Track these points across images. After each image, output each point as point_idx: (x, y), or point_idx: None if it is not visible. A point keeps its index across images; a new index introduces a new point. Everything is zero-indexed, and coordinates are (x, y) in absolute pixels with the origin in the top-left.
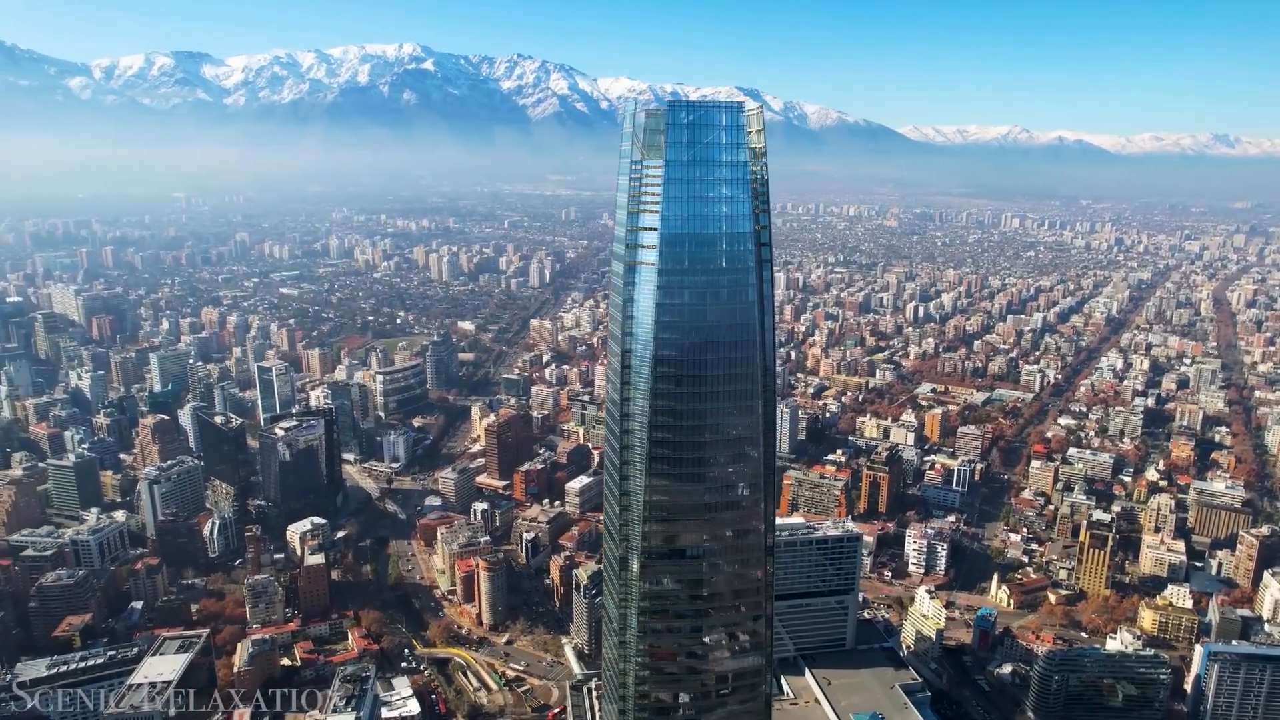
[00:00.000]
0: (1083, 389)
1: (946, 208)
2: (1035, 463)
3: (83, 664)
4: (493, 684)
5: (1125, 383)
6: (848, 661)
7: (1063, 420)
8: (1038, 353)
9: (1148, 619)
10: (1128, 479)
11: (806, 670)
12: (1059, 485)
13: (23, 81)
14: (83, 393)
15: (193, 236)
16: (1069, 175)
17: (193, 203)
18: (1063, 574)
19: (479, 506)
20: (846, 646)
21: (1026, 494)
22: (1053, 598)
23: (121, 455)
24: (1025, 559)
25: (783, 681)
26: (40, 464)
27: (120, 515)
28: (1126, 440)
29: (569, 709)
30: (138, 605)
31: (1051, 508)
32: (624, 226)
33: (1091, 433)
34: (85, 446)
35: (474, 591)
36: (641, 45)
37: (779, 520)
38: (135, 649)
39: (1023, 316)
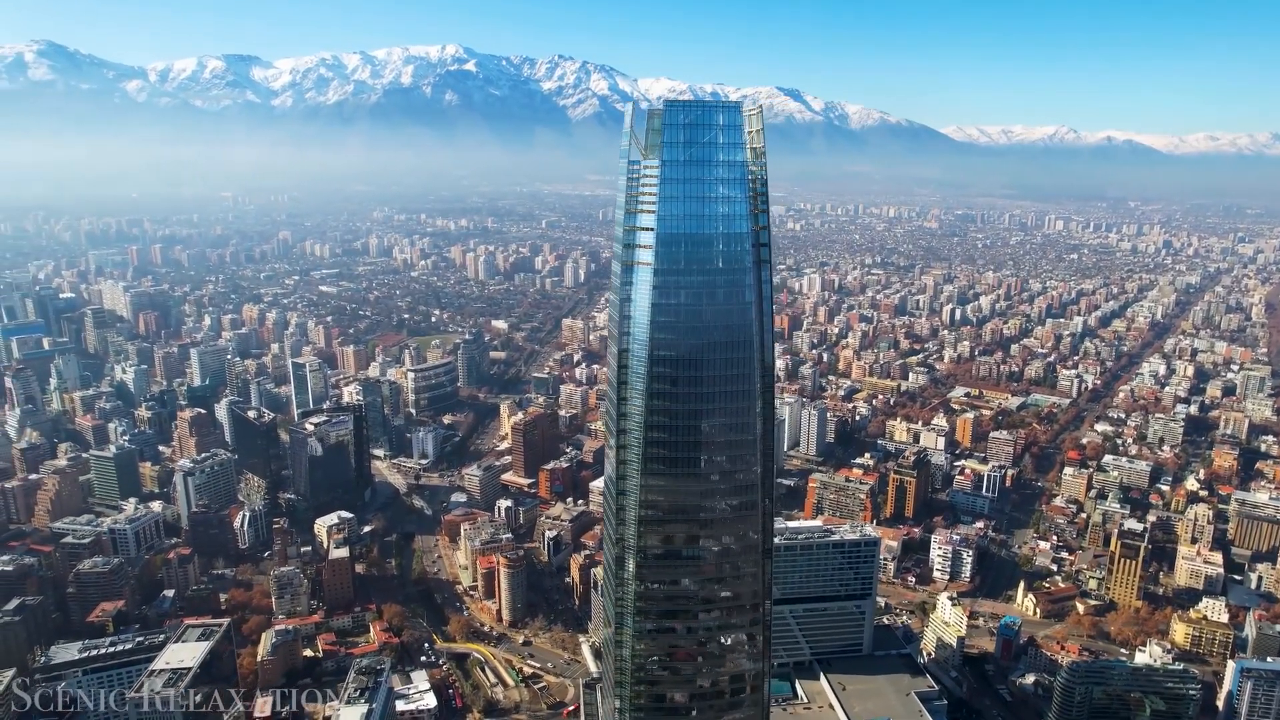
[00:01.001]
0: (1122, 395)
1: (989, 209)
2: (1068, 469)
3: (112, 649)
4: (509, 680)
5: (1167, 389)
6: (864, 667)
7: (1099, 426)
8: (1076, 357)
9: (1180, 632)
10: (1166, 488)
11: (822, 674)
12: (1092, 493)
13: (83, 85)
14: (127, 386)
15: (238, 235)
16: (1117, 176)
17: (239, 202)
18: (1092, 584)
19: (503, 504)
20: (863, 651)
21: (1058, 501)
22: (1081, 608)
23: (161, 447)
24: (1054, 567)
25: (797, 685)
26: (84, 454)
27: (157, 506)
28: (1166, 448)
29: (582, 707)
30: (169, 593)
31: (1084, 516)
32: (622, 226)
33: (1129, 440)
34: (126, 438)
35: (495, 588)
36: (682, 46)
37: (797, 524)
38: (162, 636)
39: (1062, 320)
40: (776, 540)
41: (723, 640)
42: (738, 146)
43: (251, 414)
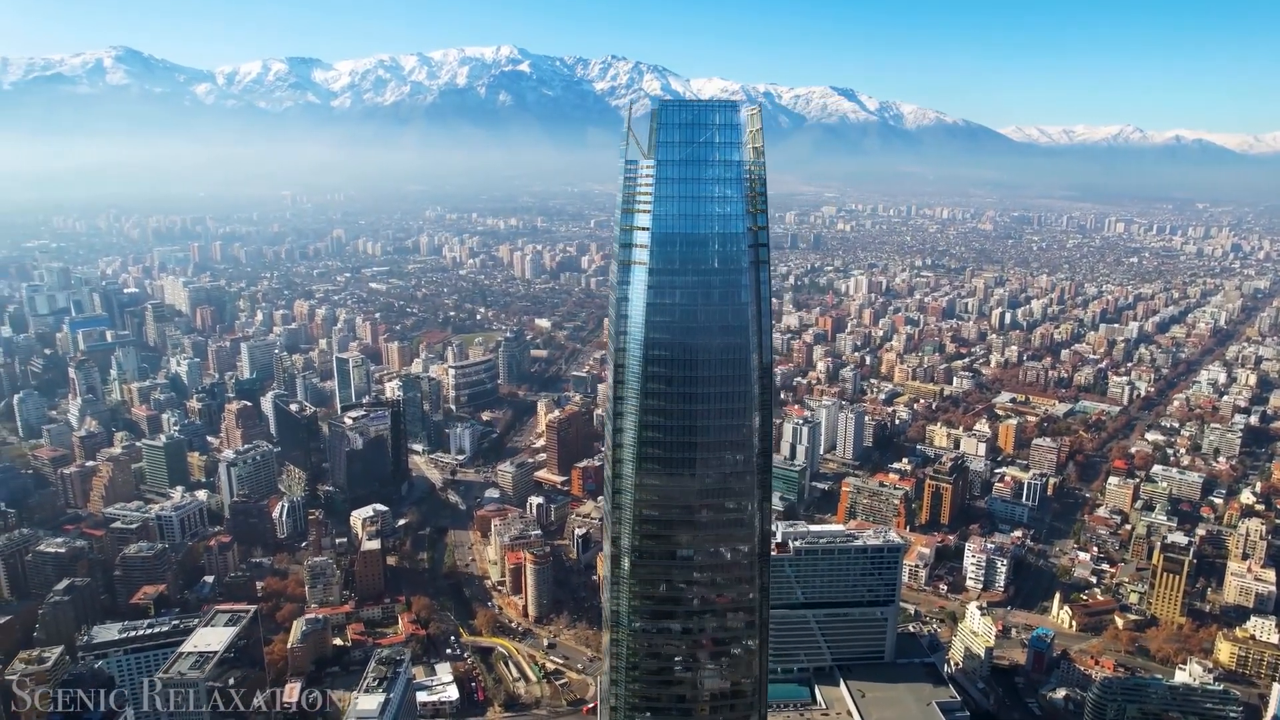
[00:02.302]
0: (1176, 403)
1: (1046, 211)
2: (1114, 479)
3: (149, 631)
4: (532, 675)
5: (1226, 398)
6: (885, 675)
7: (1150, 435)
8: (1130, 364)
9: (1225, 651)
10: (1218, 500)
11: (842, 681)
12: (1139, 504)
13: (156, 89)
14: (181, 378)
15: (294, 232)
16: (1186, 177)
17: (298, 200)
18: (1133, 598)
19: (535, 501)
20: (885, 659)
21: (1101, 511)
22: (1120, 622)
23: (209, 438)
24: (1093, 579)
25: (816, 691)
26: (137, 443)
27: (202, 494)
28: (1221, 459)
29: (599, 704)
30: (209, 579)
31: (1128, 527)
32: (619, 226)
33: (1182, 450)
34: (177, 429)
35: (521, 583)
36: (736, 45)
37: (820, 527)
38: (198, 620)
39: (1117, 326)
40: (797, 543)
41: (719, 643)
42: (734, 146)
43: (294, 407)
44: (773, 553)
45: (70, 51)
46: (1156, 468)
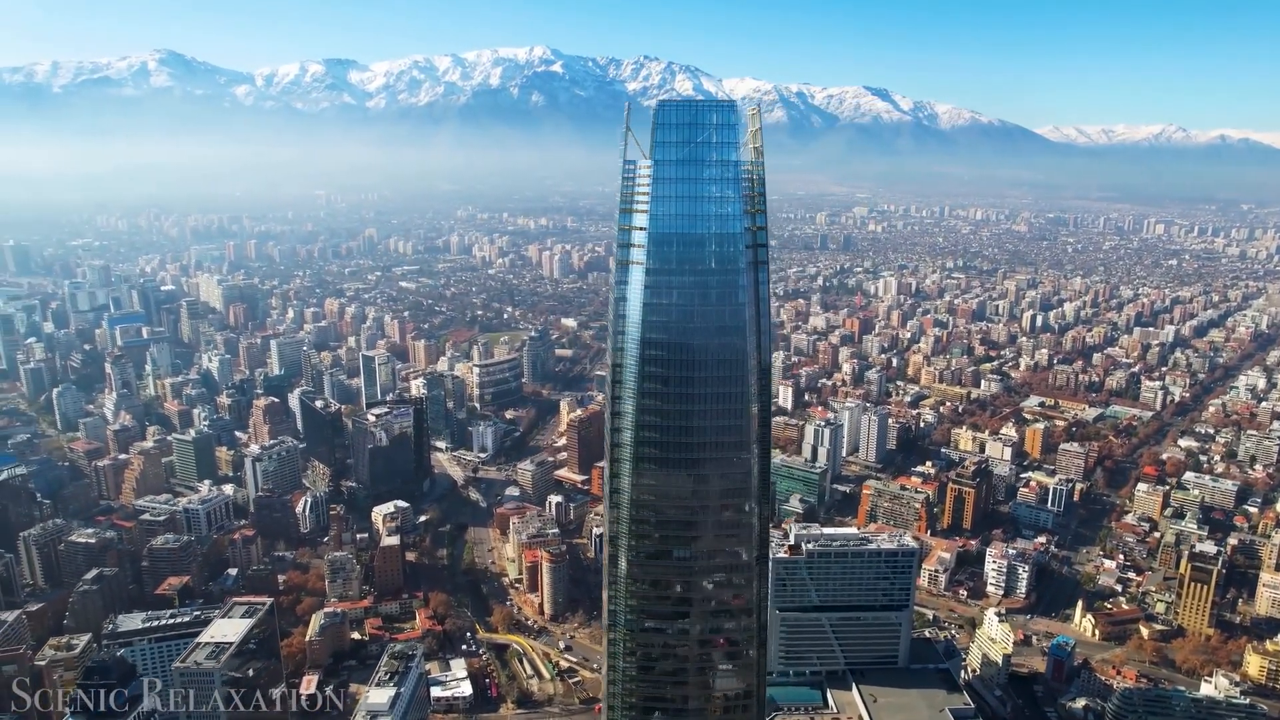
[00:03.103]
0: (1212, 409)
1: (1083, 213)
2: (1143, 485)
3: (171, 620)
4: (546, 673)
5: (1264, 404)
6: (899, 680)
7: (1183, 442)
8: (1164, 368)
9: (1254, 665)
10: (1253, 509)
11: (854, 685)
12: (1168, 511)
13: (197, 91)
14: (212, 374)
15: (327, 231)
16: (1231, 178)
17: (332, 200)
18: (1160, 607)
19: (554, 499)
20: (899, 664)
21: (1129, 519)
22: (1145, 632)
23: (237, 433)
24: (1118, 588)
25: (829, 694)
26: (168, 438)
27: (229, 488)
28: (1258, 467)
29: (602, 704)
30: (233, 572)
31: (1157, 535)
32: (618, 226)
33: (1216, 457)
34: (206, 424)
35: (538, 581)
36: (769, 45)
37: (834, 530)
38: (218, 611)
39: (1152, 329)
40: (810, 546)
41: (716, 646)
42: (731, 146)
43: (319, 404)
44: (785, 555)
45: (117, 55)
46: (1188, 475)
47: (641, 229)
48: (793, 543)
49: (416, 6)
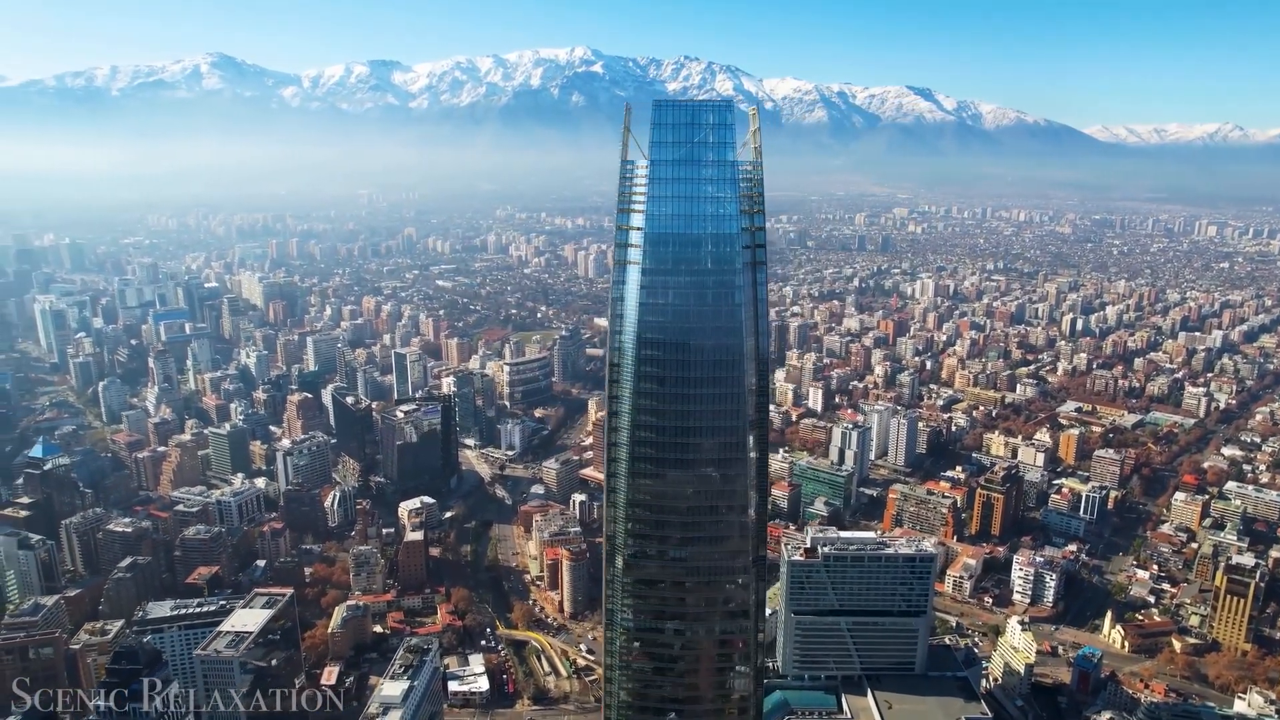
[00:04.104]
0: (1259, 417)
1: (1131, 214)
2: (1180, 494)
3: (198, 609)
4: (563, 670)
5: None
6: (915, 687)
7: (1227, 450)
8: (1210, 374)
9: None
10: None
11: (869, 691)
12: (1207, 521)
13: (247, 93)
14: (249, 370)
15: (367, 230)
16: None
17: (373, 199)
18: (1194, 620)
19: (578, 498)
20: (916, 671)
21: (1166, 528)
22: (1177, 645)
23: (272, 428)
24: (1151, 599)
25: (843, 700)
26: (205, 431)
27: (261, 482)
28: None
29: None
30: (261, 563)
31: (1194, 546)
32: (616, 225)
33: (1261, 466)
34: (242, 418)
35: (558, 579)
36: (810, 45)
37: (850, 534)
38: (241, 601)
39: (1198, 334)
40: (827, 549)
41: (711, 647)
42: (728, 146)
43: (350, 400)
44: (801, 558)
45: (172, 58)
46: (1230, 484)
47: (638, 229)
48: (809, 545)
49: (460, 8)
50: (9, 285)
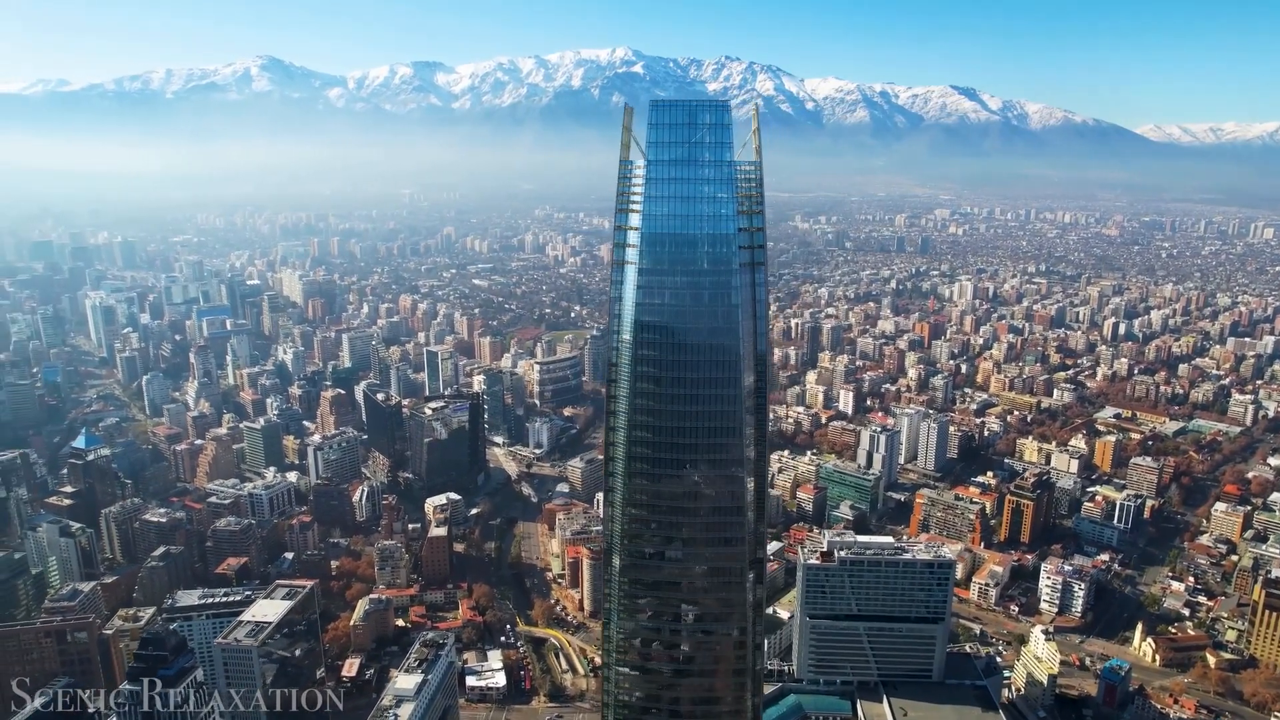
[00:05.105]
0: None
1: (1183, 215)
2: (1221, 505)
3: (224, 599)
4: (580, 668)
5: None
6: (932, 695)
7: (1273, 460)
8: (1259, 381)
9: None
10: None
11: (885, 697)
12: (1249, 533)
13: (294, 94)
14: (286, 366)
15: (407, 229)
16: None
17: (415, 199)
18: (1230, 635)
19: (601, 496)
20: (933, 679)
21: (1204, 539)
22: (1212, 660)
23: (306, 423)
24: (1185, 612)
25: (858, 705)
26: (240, 425)
27: (292, 476)
28: None
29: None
30: (289, 555)
31: (1234, 558)
32: (615, 225)
33: None
34: (276, 413)
35: (579, 577)
36: (852, 44)
37: (867, 538)
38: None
39: (1249, 340)
40: (843, 554)
41: (707, 650)
42: (725, 146)
43: (381, 397)
44: (817, 561)
45: (223, 61)
46: (1276, 495)
47: (635, 229)
48: (825, 549)
49: (502, 9)
50: (64, 281)
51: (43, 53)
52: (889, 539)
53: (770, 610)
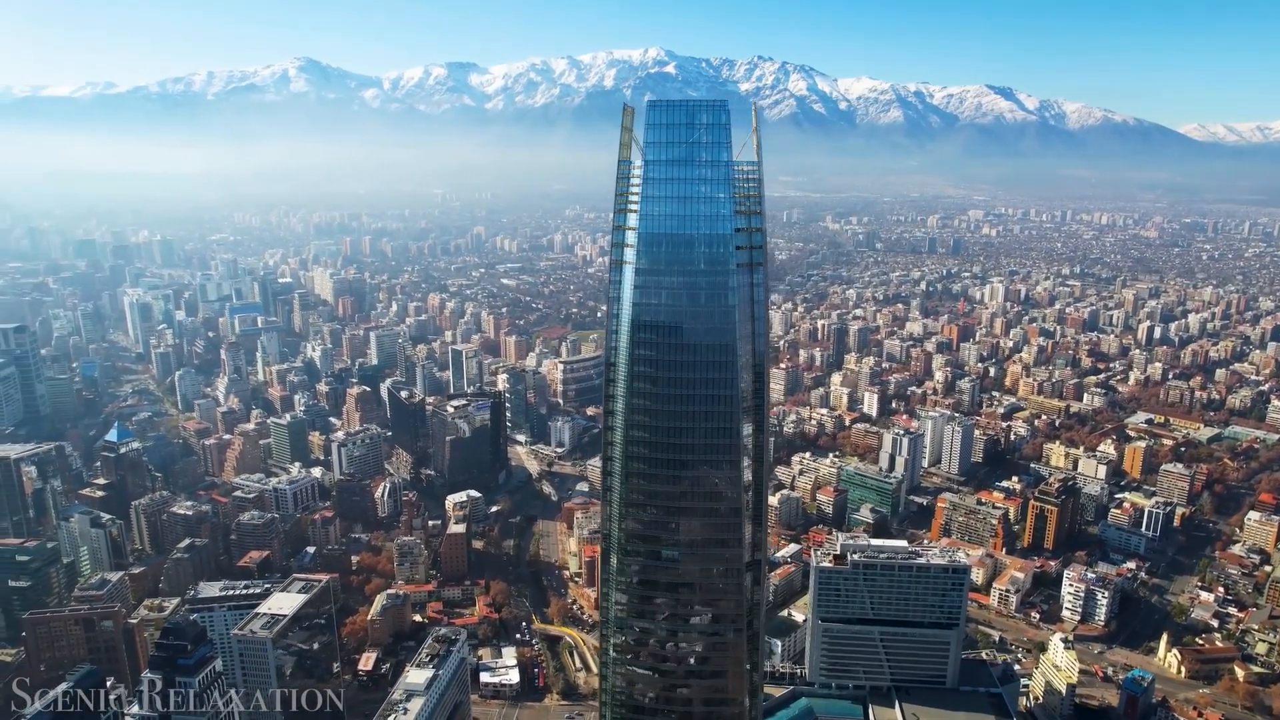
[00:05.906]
0: None
1: (1226, 217)
2: (1255, 513)
3: (245, 591)
4: (594, 666)
5: None
6: (946, 701)
7: None
8: None
9: None
10: None
11: (897, 703)
12: None
13: (331, 95)
14: (314, 363)
15: (438, 229)
16: None
17: (447, 199)
18: (1260, 648)
19: None
20: (947, 685)
21: (1237, 549)
22: (1240, 673)
23: (332, 419)
24: (1214, 623)
25: (870, 710)
26: (268, 421)
27: (317, 471)
28: None
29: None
30: (311, 550)
31: (1267, 569)
32: (613, 225)
33: None
34: (303, 410)
35: (595, 576)
36: (886, 43)
37: (881, 542)
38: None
39: None
40: (856, 557)
41: (704, 651)
42: (723, 146)
43: (405, 394)
44: (830, 564)
45: (263, 63)
46: None
47: (633, 229)
48: (838, 552)
49: (535, 10)
50: (105, 279)
51: (91, 55)
52: (903, 543)
53: (785, 613)
